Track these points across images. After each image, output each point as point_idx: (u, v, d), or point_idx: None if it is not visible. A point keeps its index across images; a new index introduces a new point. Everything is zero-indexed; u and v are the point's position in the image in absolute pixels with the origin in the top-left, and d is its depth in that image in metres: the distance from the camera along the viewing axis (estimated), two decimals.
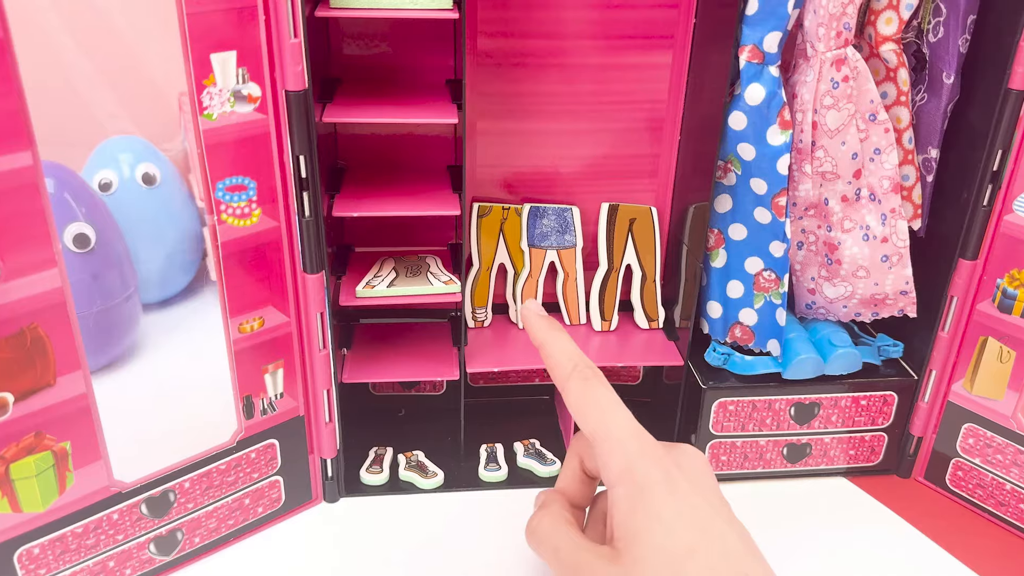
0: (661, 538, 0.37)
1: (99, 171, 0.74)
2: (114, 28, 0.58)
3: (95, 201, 0.69)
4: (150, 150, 0.78)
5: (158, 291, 0.78)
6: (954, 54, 0.51)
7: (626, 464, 0.39)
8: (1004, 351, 0.55)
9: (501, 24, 0.55)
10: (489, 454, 0.61)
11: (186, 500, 0.51)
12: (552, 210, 0.60)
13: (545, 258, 0.61)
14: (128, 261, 0.71)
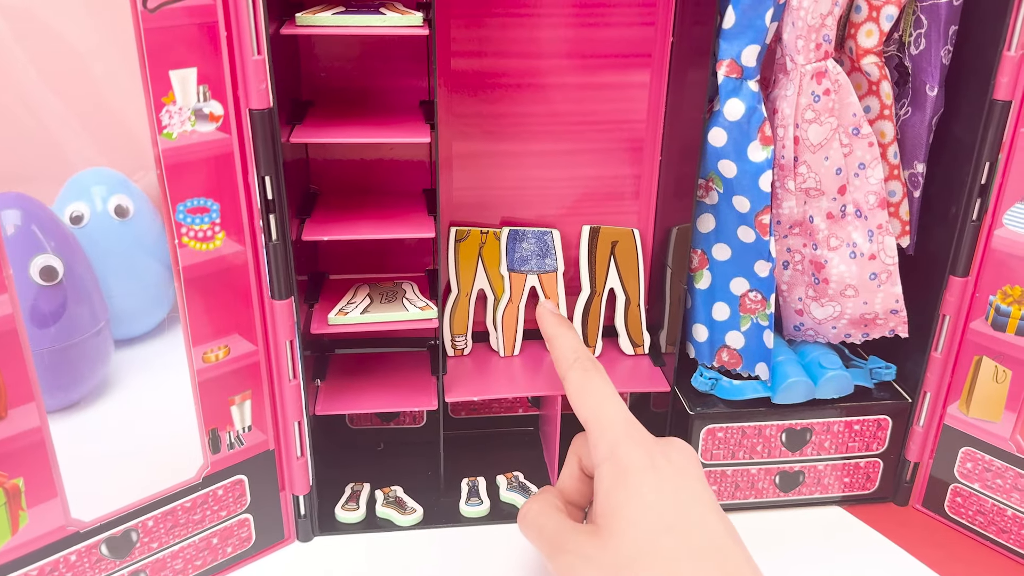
0: (639, 514, 0.39)
1: (71, 204, 0.73)
2: (80, 61, 0.57)
3: (64, 234, 0.67)
4: (123, 182, 0.77)
5: (132, 326, 0.76)
6: (937, 66, 0.50)
7: (612, 446, 0.42)
8: (999, 371, 0.53)
9: (475, 44, 0.54)
10: (471, 488, 0.59)
11: (150, 540, 0.48)
12: (532, 233, 0.58)
13: (526, 283, 0.59)
14: (99, 295, 0.69)
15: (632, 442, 0.42)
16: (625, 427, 0.43)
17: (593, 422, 0.44)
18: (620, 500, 0.40)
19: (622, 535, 0.39)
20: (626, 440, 0.42)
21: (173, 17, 0.40)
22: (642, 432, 0.43)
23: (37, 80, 0.52)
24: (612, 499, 0.40)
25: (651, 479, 0.40)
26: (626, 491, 0.40)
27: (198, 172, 0.44)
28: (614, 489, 0.40)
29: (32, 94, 0.50)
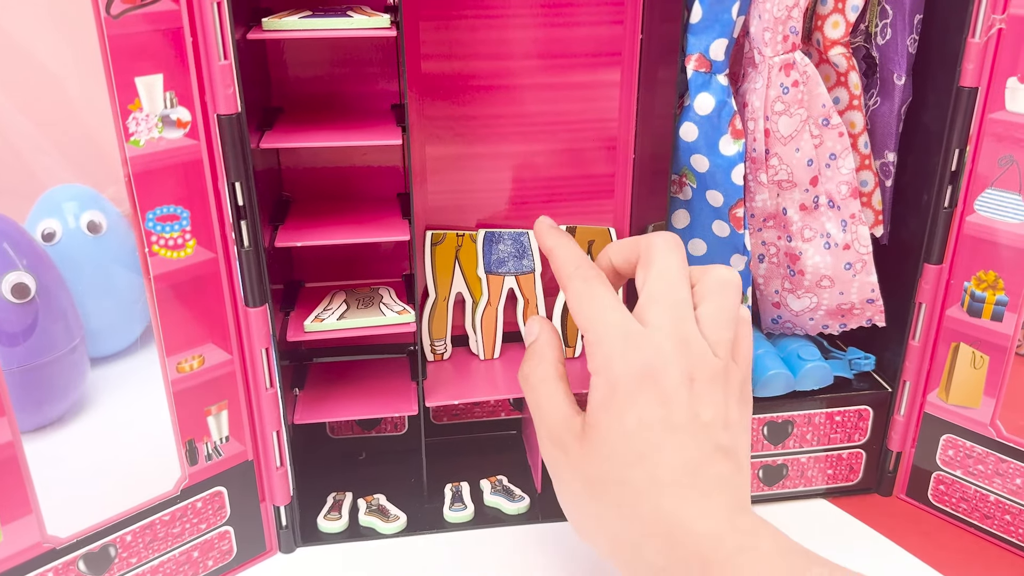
0: (616, 439, 0.39)
1: (42, 221, 0.72)
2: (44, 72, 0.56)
3: (37, 251, 0.67)
4: (95, 198, 0.76)
5: (108, 344, 0.75)
6: (903, 55, 0.50)
7: (607, 358, 0.40)
8: (977, 356, 0.53)
9: (445, 46, 0.54)
10: (454, 493, 0.59)
11: (128, 555, 0.48)
12: (508, 235, 0.58)
13: (504, 285, 0.58)
14: (73, 312, 0.68)
15: (625, 360, 0.40)
16: (624, 339, 0.41)
17: (591, 330, 0.42)
18: (603, 420, 0.40)
19: (598, 454, 0.40)
20: (621, 355, 0.40)
21: (137, 24, 0.40)
22: (642, 343, 0.40)
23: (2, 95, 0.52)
24: (599, 415, 0.40)
25: (639, 403, 0.39)
26: (609, 413, 0.40)
27: (167, 179, 0.43)
28: (601, 406, 0.40)
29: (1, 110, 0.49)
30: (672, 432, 0.39)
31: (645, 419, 0.39)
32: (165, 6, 0.41)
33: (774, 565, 0.37)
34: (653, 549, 0.38)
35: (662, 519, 0.38)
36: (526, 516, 0.57)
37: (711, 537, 0.38)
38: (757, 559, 0.37)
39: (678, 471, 0.39)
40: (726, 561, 0.37)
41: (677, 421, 0.39)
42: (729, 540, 0.38)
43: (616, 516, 0.40)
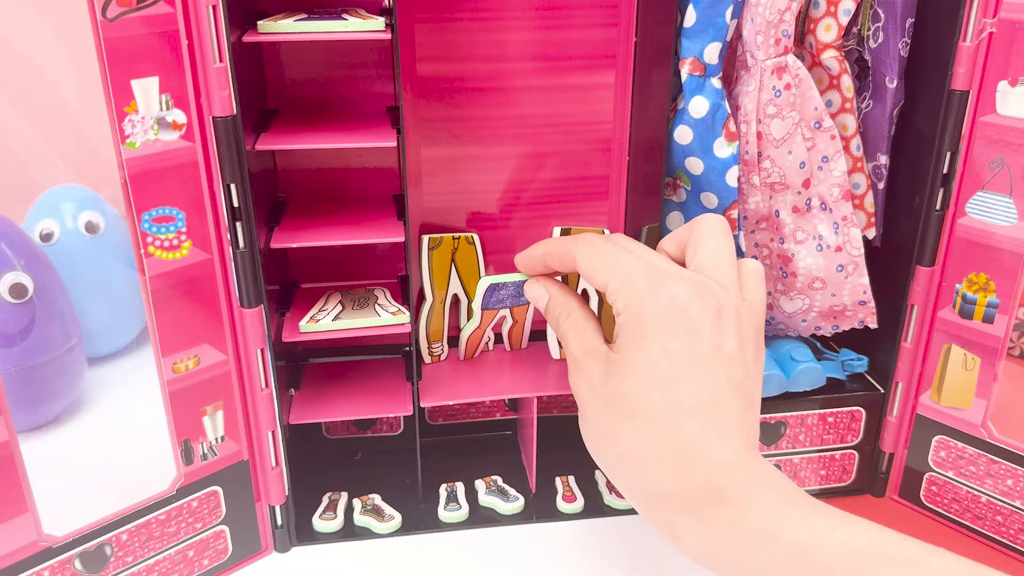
0: (639, 365, 0.41)
1: (40, 221, 0.73)
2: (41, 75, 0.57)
3: (34, 251, 0.67)
4: (93, 198, 0.76)
5: (105, 343, 0.76)
6: (895, 58, 0.51)
7: (634, 297, 0.42)
8: (968, 358, 0.54)
9: (440, 48, 0.54)
10: (449, 494, 0.59)
11: (124, 554, 0.48)
12: (511, 283, 0.54)
13: (497, 315, 0.58)
14: (71, 312, 0.69)
15: (654, 294, 0.41)
16: (649, 276, 0.42)
17: (616, 274, 0.43)
18: (628, 348, 0.41)
19: (623, 379, 0.41)
20: (650, 290, 0.41)
21: (133, 26, 0.40)
22: (668, 280, 0.42)
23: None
24: (624, 345, 0.41)
25: (662, 332, 0.40)
26: (634, 341, 0.41)
27: (163, 181, 0.44)
28: (627, 337, 0.41)
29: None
30: (695, 362, 0.40)
31: (669, 348, 0.40)
32: (161, 9, 0.41)
33: (785, 503, 0.38)
34: (666, 471, 0.39)
35: (679, 443, 0.39)
36: (520, 516, 0.58)
37: (726, 467, 0.39)
38: (769, 496, 0.38)
39: (699, 399, 0.40)
40: (739, 493, 0.38)
41: (701, 352, 0.40)
42: (743, 474, 0.39)
43: (632, 437, 0.40)
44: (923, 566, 0.35)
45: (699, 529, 0.39)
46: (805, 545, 0.36)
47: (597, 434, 0.43)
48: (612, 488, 0.59)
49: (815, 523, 0.37)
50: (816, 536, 0.37)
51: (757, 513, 0.38)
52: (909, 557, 0.35)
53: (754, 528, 0.38)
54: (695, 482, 0.39)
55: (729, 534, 0.38)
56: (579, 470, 0.61)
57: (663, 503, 0.40)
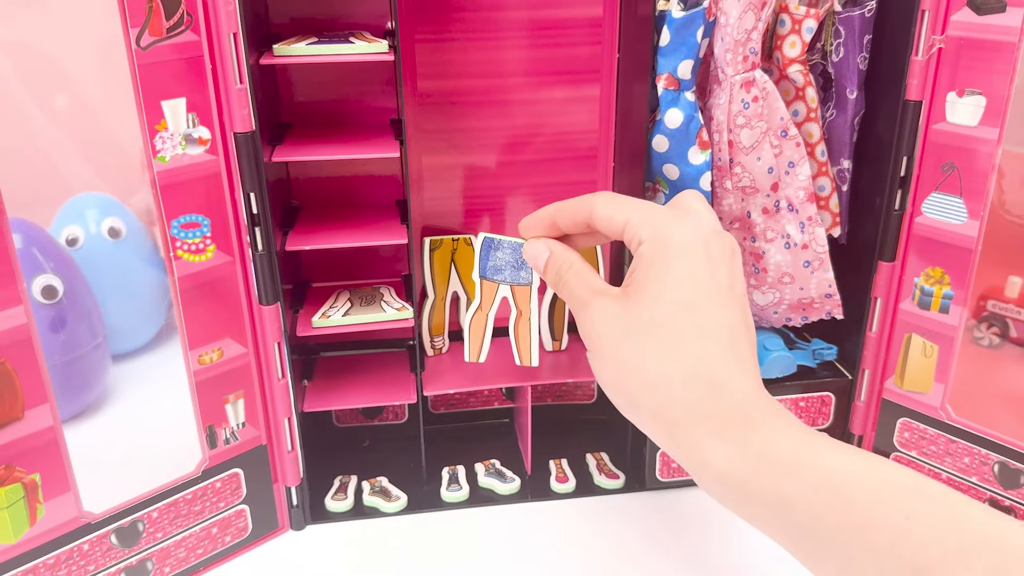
0: (668, 288, 0.41)
1: (66, 227, 0.78)
2: (76, 90, 0.61)
3: (63, 255, 0.72)
4: (115, 205, 0.82)
5: (127, 342, 0.81)
6: (855, 71, 0.55)
7: (656, 228, 0.42)
8: (927, 346, 0.58)
9: (438, 66, 0.59)
10: (451, 476, 0.64)
11: (155, 530, 0.53)
12: (507, 243, 0.55)
13: (497, 292, 0.58)
14: (96, 312, 0.74)
15: (679, 226, 0.42)
16: (668, 210, 0.44)
17: (638, 210, 0.44)
18: (654, 274, 0.41)
19: (645, 303, 0.41)
20: (673, 219, 0.42)
21: (163, 53, 0.45)
22: (691, 217, 0.43)
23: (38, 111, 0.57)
24: (650, 271, 0.42)
25: (689, 258, 0.41)
26: (663, 266, 0.41)
27: (189, 191, 0.49)
28: (654, 263, 0.42)
29: (33, 124, 0.54)
30: (716, 292, 0.41)
31: (695, 273, 0.41)
32: (187, 37, 0.46)
33: (808, 436, 0.39)
34: (697, 394, 0.40)
35: (706, 367, 0.40)
36: (517, 496, 0.62)
37: (750, 396, 0.40)
38: (792, 429, 0.39)
39: (721, 326, 0.41)
40: (764, 421, 0.39)
41: (720, 285, 0.41)
42: (764, 404, 0.40)
43: (660, 361, 0.41)
44: (946, 503, 0.35)
45: (729, 453, 0.39)
46: (830, 474, 0.37)
47: (618, 366, 0.42)
48: (602, 470, 0.64)
49: (839, 455, 0.38)
50: (840, 467, 0.37)
51: (783, 441, 0.38)
52: (931, 494, 0.36)
53: (781, 455, 0.38)
54: (724, 406, 0.39)
55: (758, 459, 0.38)
56: (571, 454, 0.66)
57: (693, 426, 0.40)
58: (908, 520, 0.35)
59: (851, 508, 0.36)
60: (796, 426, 0.39)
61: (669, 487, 0.62)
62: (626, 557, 0.56)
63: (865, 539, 0.35)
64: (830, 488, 0.36)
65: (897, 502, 0.35)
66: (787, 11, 0.54)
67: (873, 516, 0.35)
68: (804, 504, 0.37)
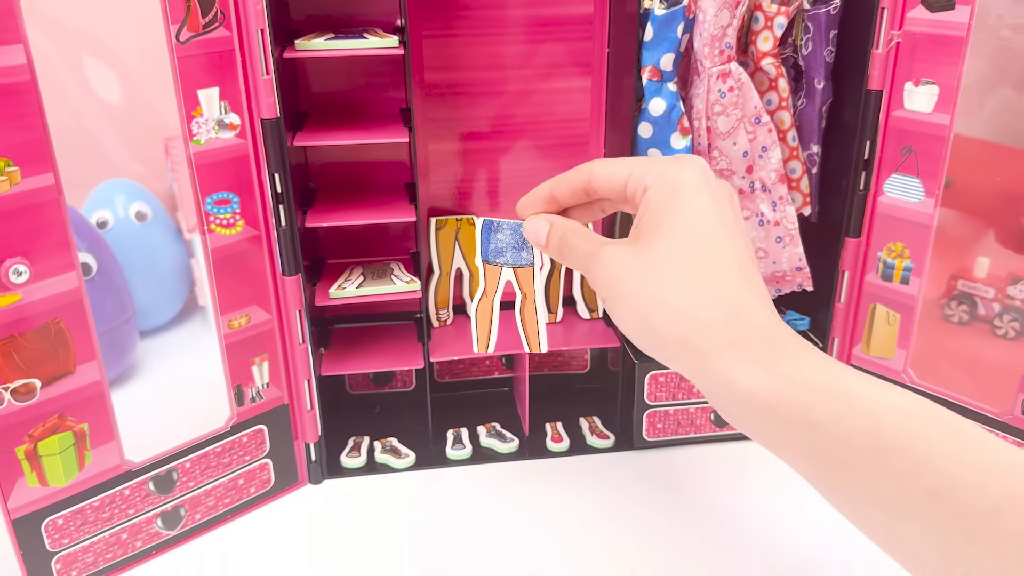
0: (679, 224, 0.42)
1: (96, 211, 0.84)
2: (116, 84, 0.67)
3: (95, 236, 0.79)
4: (141, 191, 0.88)
5: (153, 318, 0.87)
6: (822, 63, 0.61)
7: (661, 171, 0.43)
8: (890, 315, 0.64)
9: (444, 60, 0.65)
10: (455, 436, 0.69)
11: (188, 479, 0.58)
12: (507, 225, 0.55)
13: (501, 276, 0.56)
14: (126, 289, 0.80)
15: (682, 169, 0.43)
16: (668, 159, 0.44)
17: (638, 162, 0.44)
18: (665, 214, 0.42)
19: (660, 241, 0.42)
20: (675, 163, 0.43)
21: (200, 47, 0.51)
22: (694, 162, 0.43)
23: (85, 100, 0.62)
24: (659, 213, 0.42)
25: (697, 196, 0.42)
26: (675, 204, 0.42)
27: (221, 171, 0.54)
28: (663, 205, 0.42)
29: (77, 112, 0.60)
30: (724, 228, 0.42)
31: (703, 210, 0.42)
32: (220, 33, 0.52)
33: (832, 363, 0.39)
34: (721, 320, 0.40)
35: (726, 295, 0.40)
36: (516, 455, 0.68)
37: (772, 323, 0.40)
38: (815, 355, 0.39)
39: (736, 256, 0.41)
40: (789, 346, 0.39)
41: (727, 221, 0.42)
42: (785, 331, 0.40)
43: (679, 290, 0.41)
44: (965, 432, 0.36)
45: (759, 377, 0.39)
46: (857, 399, 0.37)
47: (640, 303, 0.42)
48: (594, 431, 0.70)
49: (864, 382, 0.38)
50: (866, 393, 0.37)
51: (811, 366, 0.39)
52: (951, 422, 0.36)
53: (810, 379, 0.38)
54: (749, 332, 0.40)
55: (788, 382, 0.38)
56: (565, 417, 0.72)
57: (722, 352, 0.40)
58: (931, 447, 0.35)
59: (877, 433, 0.36)
60: (819, 353, 0.39)
61: (654, 447, 0.68)
62: (614, 508, 0.62)
63: (889, 464, 0.36)
64: (857, 412, 0.36)
65: (921, 429, 0.36)
66: (760, 8, 0.60)
67: (898, 442, 0.36)
68: (832, 428, 0.37)
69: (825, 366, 0.39)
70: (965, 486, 0.34)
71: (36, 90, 0.46)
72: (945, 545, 0.35)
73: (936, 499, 0.35)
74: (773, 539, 0.59)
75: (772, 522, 0.60)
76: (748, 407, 0.39)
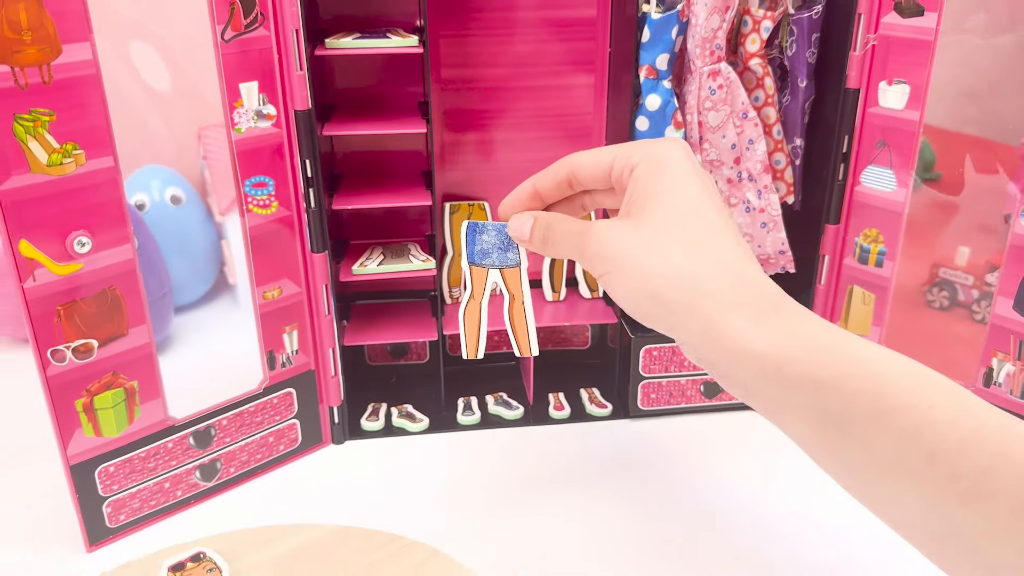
0: (674, 196, 0.43)
1: (135, 194, 0.91)
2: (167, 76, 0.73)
3: (136, 217, 0.85)
4: (176, 176, 0.95)
5: (185, 295, 0.94)
6: (804, 63, 0.66)
7: (647, 148, 0.45)
8: (866, 295, 0.69)
9: (459, 57, 0.71)
10: (465, 404, 0.75)
11: (224, 435, 0.64)
12: (492, 226, 0.54)
13: (487, 278, 0.55)
14: (163, 266, 0.86)
15: (666, 144, 0.44)
16: (649, 139, 0.46)
17: (618, 152, 0.46)
18: (657, 188, 0.43)
19: (655, 212, 0.43)
20: (659, 143, 0.45)
21: (242, 45, 0.57)
22: (662, 140, 0.45)
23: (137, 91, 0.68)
24: (650, 188, 0.43)
25: (685, 171, 0.43)
26: (664, 178, 0.43)
27: (259, 157, 0.60)
28: (653, 180, 0.43)
29: (130, 102, 0.66)
30: (711, 199, 0.43)
31: (692, 182, 0.43)
32: (260, 32, 0.58)
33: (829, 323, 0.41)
34: (725, 284, 0.41)
35: (727, 261, 0.41)
36: (521, 421, 0.74)
37: (771, 286, 0.42)
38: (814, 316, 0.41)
39: (727, 228, 0.43)
40: (792, 308, 0.41)
41: (712, 194, 0.44)
42: (784, 296, 0.42)
43: (681, 257, 0.41)
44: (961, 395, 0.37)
45: (767, 338, 0.39)
46: (861, 361, 0.37)
47: (642, 273, 0.43)
48: (593, 401, 0.75)
49: (866, 345, 0.39)
50: (870, 355, 0.38)
51: (816, 328, 0.39)
52: (948, 386, 0.37)
53: (817, 340, 0.39)
54: (753, 294, 0.41)
55: (796, 342, 0.39)
56: (567, 388, 0.77)
57: (730, 314, 0.40)
58: (931, 409, 0.36)
59: (881, 395, 0.36)
60: (818, 317, 0.41)
61: (648, 415, 0.74)
62: (611, 470, 0.68)
63: (891, 425, 0.36)
64: (861, 374, 0.37)
65: (921, 391, 0.36)
66: (749, 13, 0.66)
67: (900, 404, 0.36)
68: (837, 388, 0.37)
69: (828, 328, 0.40)
70: (961, 449, 0.35)
71: (100, 82, 0.52)
72: (937, 505, 0.36)
73: (933, 461, 0.35)
74: (747, 496, 0.64)
75: (748, 482, 0.66)
76: (755, 368, 0.39)
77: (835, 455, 0.39)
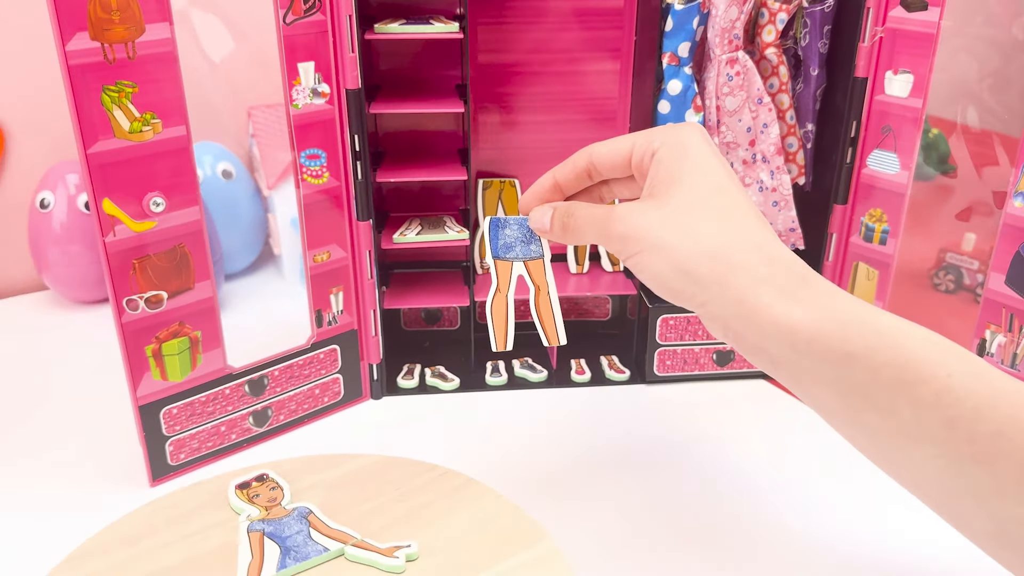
0: (699, 177, 0.44)
1: None
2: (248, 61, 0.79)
3: None
4: (226, 152, 1.02)
5: (235, 263, 1.01)
6: (816, 54, 0.71)
7: (666, 132, 0.46)
8: (870, 271, 0.74)
9: (496, 44, 0.76)
10: (493, 367, 0.81)
11: (275, 385, 0.70)
12: (514, 220, 0.55)
13: (512, 271, 0.57)
14: (215, 235, 0.93)
15: (684, 128, 0.46)
16: (671, 125, 0.47)
17: (637, 140, 0.47)
18: (682, 169, 0.44)
19: (680, 191, 0.44)
20: (678, 128, 0.46)
21: (301, 28, 0.63)
22: (679, 124, 0.47)
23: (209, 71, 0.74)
24: (674, 169, 0.44)
25: (706, 153, 0.45)
26: (687, 160, 0.44)
27: (313, 131, 0.66)
28: (677, 161, 0.44)
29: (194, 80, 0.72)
30: (732, 179, 0.45)
31: (714, 164, 0.44)
32: (317, 16, 0.63)
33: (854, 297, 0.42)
34: (755, 260, 0.42)
35: (754, 238, 0.43)
36: (544, 384, 0.79)
37: (798, 263, 0.42)
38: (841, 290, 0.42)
39: (749, 207, 0.44)
40: (820, 282, 0.42)
41: (732, 174, 0.45)
42: (810, 270, 0.43)
43: (709, 234, 0.42)
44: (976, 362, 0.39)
45: (800, 311, 0.40)
46: (888, 332, 0.39)
47: (671, 251, 0.43)
48: (612, 367, 0.81)
49: (890, 317, 0.40)
50: (895, 326, 0.39)
51: (843, 300, 0.40)
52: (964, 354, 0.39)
53: (846, 312, 0.40)
54: (782, 269, 0.42)
55: (828, 315, 0.40)
56: (588, 355, 0.83)
57: (762, 289, 0.41)
58: (950, 378, 0.37)
59: (905, 365, 0.38)
60: (843, 290, 0.42)
61: (663, 381, 0.79)
62: (628, 431, 0.73)
63: (914, 394, 0.38)
64: (888, 345, 0.38)
65: (942, 360, 0.38)
66: (765, 5, 0.71)
67: (923, 373, 0.38)
68: (865, 359, 0.39)
69: (854, 302, 0.41)
70: (976, 415, 0.37)
71: (176, 59, 0.58)
72: (953, 466, 0.38)
73: (951, 426, 0.37)
74: (754, 457, 0.70)
75: (755, 443, 0.71)
76: (786, 342, 0.40)
77: (857, 422, 0.40)
